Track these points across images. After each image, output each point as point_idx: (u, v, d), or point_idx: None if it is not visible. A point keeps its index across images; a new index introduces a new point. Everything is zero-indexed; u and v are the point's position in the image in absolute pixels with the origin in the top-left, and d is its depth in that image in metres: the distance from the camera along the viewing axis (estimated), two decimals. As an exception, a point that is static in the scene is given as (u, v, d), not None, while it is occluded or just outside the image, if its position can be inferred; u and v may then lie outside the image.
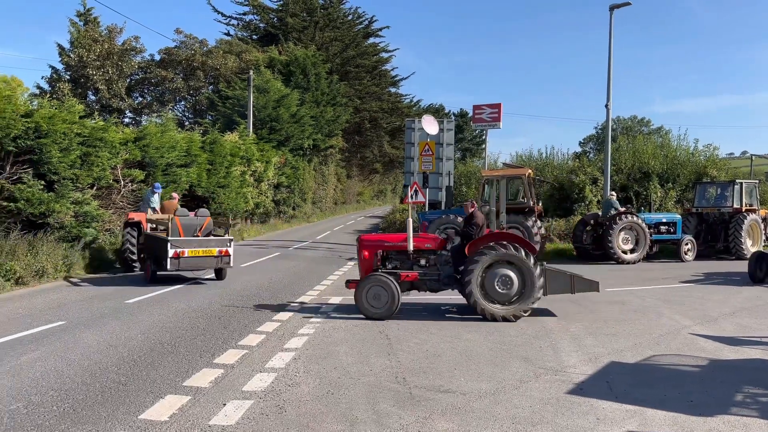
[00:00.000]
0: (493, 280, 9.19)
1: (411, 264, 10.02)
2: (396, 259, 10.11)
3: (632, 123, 77.88)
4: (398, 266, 10.05)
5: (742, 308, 10.45)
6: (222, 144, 24.62)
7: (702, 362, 6.94)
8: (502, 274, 9.19)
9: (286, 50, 42.37)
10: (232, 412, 5.22)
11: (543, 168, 29.00)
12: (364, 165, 61.54)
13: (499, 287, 9.18)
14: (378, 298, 9.40)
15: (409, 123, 26.08)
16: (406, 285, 9.91)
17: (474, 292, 9.17)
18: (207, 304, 10.55)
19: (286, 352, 7.20)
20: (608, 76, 22.10)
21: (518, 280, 9.20)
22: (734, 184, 20.16)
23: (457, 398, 5.60)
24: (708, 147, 27.85)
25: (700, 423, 5.02)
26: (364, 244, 10.17)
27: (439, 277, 9.84)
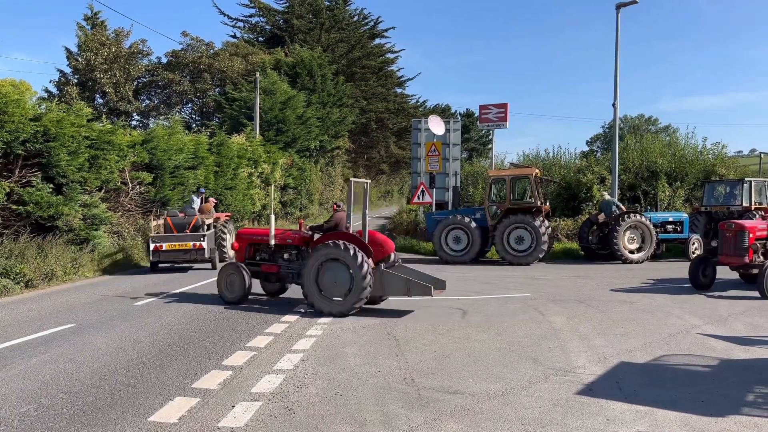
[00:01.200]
0: (325, 276, 9.67)
1: (275, 257, 10.85)
2: (264, 252, 10.99)
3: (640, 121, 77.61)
4: (265, 258, 10.95)
5: (752, 307, 10.37)
6: (229, 146, 24.70)
7: (712, 362, 6.89)
8: (334, 272, 9.62)
9: (292, 52, 42.46)
10: (241, 414, 5.23)
11: (550, 167, 28.87)
12: (370, 166, 61.54)
13: (331, 284, 9.63)
14: (233, 285, 10.54)
15: (415, 123, 26.09)
16: (274, 277, 10.90)
17: (307, 286, 9.73)
18: (215, 305, 10.57)
19: (294, 354, 7.20)
20: (615, 75, 22.01)
21: (348, 278, 9.52)
22: (743, 182, 20.02)
23: (465, 399, 5.59)
24: (716, 145, 27.69)
25: (712, 423, 4.98)
26: (238, 236, 11.40)
27: (298, 271, 10.32)
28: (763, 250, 12.06)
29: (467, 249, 17.85)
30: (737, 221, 12.83)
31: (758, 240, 11.99)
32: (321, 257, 9.69)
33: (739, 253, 11.78)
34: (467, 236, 17.87)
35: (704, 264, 12.46)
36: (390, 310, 10.18)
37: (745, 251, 11.69)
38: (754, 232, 11.88)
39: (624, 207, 18.96)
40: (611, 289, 12.48)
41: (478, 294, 11.95)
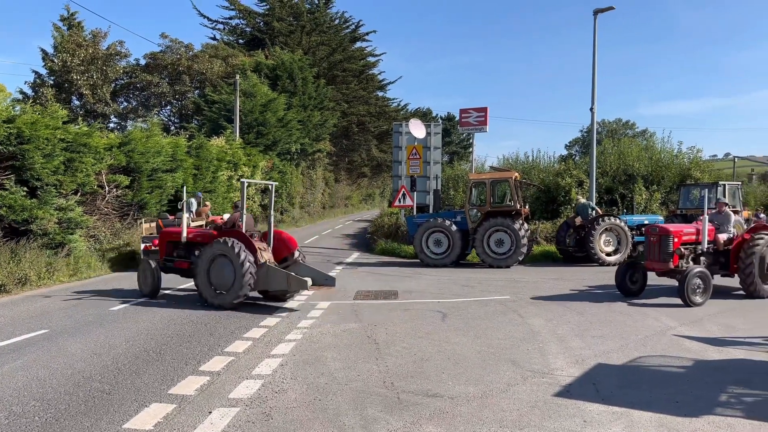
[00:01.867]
0: (214, 271, 10.51)
1: (187, 254, 11.59)
2: (181, 249, 11.80)
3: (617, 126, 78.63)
4: (180, 255, 11.77)
5: (726, 309, 10.55)
6: (208, 148, 24.50)
7: (687, 363, 6.99)
8: (222, 267, 10.41)
9: (273, 54, 42.28)
10: (218, 420, 5.17)
11: (529, 171, 29.12)
12: (352, 169, 61.50)
13: (219, 278, 10.45)
14: (146, 279, 11.63)
15: (396, 127, 26.12)
16: (187, 273, 11.51)
17: (200, 279, 10.59)
18: (192, 310, 10.46)
19: (273, 359, 7.15)
20: (593, 79, 22.28)
21: (232, 273, 10.29)
22: (718, 185, 20.40)
23: (444, 402, 5.59)
24: (692, 149, 28.14)
25: (686, 424, 5.05)
26: (160, 234, 12.44)
27: None
28: (693, 255, 11.56)
29: (448, 252, 17.91)
30: (662, 225, 12.35)
31: (685, 245, 11.48)
32: (211, 254, 10.50)
33: (663, 258, 11.30)
34: (448, 239, 17.93)
35: (632, 269, 12.02)
36: (370, 314, 10.16)
37: (670, 256, 11.22)
38: (680, 237, 11.40)
39: (600, 210, 19.15)
40: (589, 292, 12.60)
41: (458, 297, 11.99)
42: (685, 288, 10.61)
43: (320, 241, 27.41)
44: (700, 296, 10.73)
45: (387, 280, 14.83)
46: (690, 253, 11.54)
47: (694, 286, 10.70)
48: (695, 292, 10.71)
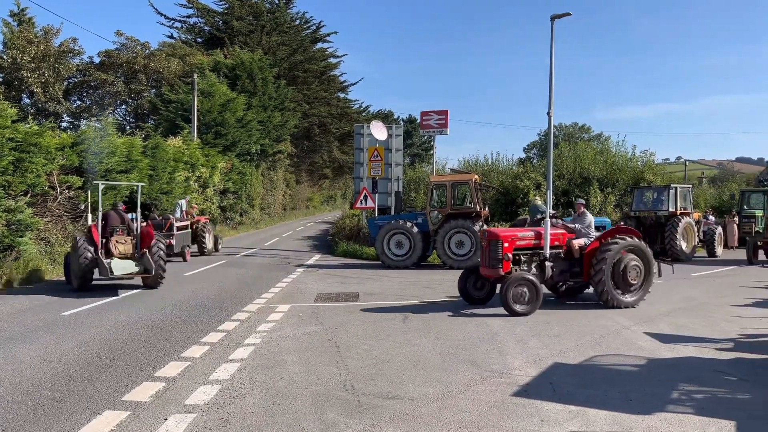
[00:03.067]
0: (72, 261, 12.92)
1: None
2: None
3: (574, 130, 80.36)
4: None
5: (678, 308, 10.89)
6: (165, 149, 23.97)
7: (641, 361, 7.18)
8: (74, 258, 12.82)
9: (232, 54, 41.68)
10: (174, 427, 5.06)
11: (489, 173, 29.53)
12: (313, 170, 61.12)
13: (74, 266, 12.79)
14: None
15: (358, 128, 26.10)
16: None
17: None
18: (148, 314, 10.21)
19: (231, 363, 7.03)
20: (550, 84, 22.60)
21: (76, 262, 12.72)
22: (669, 188, 21.06)
23: (405, 404, 5.60)
24: (645, 153, 29.02)
25: (639, 421, 5.18)
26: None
27: None
28: (538, 261, 10.88)
29: (409, 253, 17.98)
30: (491, 229, 11.60)
31: (521, 250, 10.76)
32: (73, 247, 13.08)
33: (491, 264, 10.53)
34: (409, 241, 18.00)
35: (474, 275, 11.20)
36: (331, 316, 10.11)
37: (498, 262, 10.40)
38: (511, 242, 10.60)
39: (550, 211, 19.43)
40: (544, 292, 12.82)
41: (419, 298, 12.04)
42: (504, 296, 9.94)
43: (281, 243, 27.16)
44: (524, 305, 9.99)
45: (348, 282, 14.79)
46: (531, 260, 10.90)
47: (516, 294, 9.98)
48: (518, 301, 9.99)
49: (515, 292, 10.04)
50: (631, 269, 10.72)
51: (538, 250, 10.96)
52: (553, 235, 11.10)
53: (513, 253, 10.65)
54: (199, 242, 20.88)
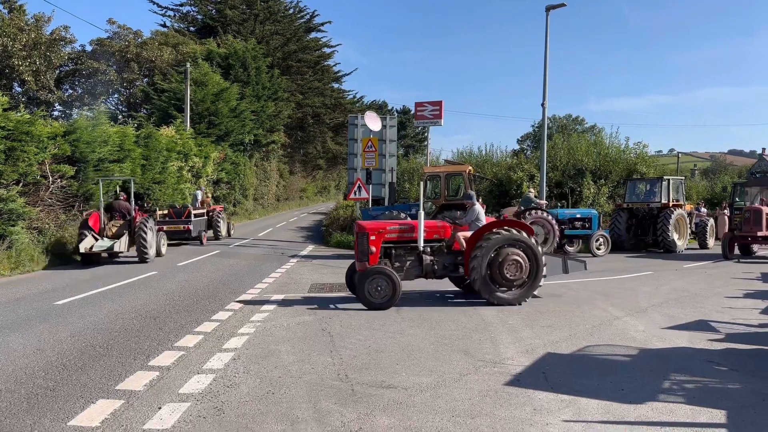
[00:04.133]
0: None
1: None
2: None
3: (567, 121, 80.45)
4: None
5: (669, 299, 10.97)
6: (157, 138, 23.84)
7: (632, 351, 7.23)
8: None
9: (225, 43, 41.41)
10: (168, 416, 5.06)
11: (483, 165, 29.57)
12: (307, 161, 60.98)
13: None
14: None
15: (351, 119, 26.03)
16: None
17: None
18: (141, 304, 10.20)
19: (225, 353, 7.04)
20: (544, 75, 22.71)
21: None
22: (662, 180, 21.16)
23: (398, 393, 5.63)
24: (638, 145, 29.28)
25: (631, 410, 5.23)
26: None
27: None
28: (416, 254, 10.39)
29: (402, 244, 17.98)
30: (361, 222, 11.11)
31: (392, 243, 10.33)
32: None
33: (360, 257, 10.22)
34: (402, 232, 17.99)
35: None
36: (325, 306, 10.13)
37: (365, 256, 10.09)
38: (378, 235, 10.19)
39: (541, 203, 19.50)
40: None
41: (412, 288, 12.06)
42: (360, 289, 9.80)
43: (274, 234, 27.14)
44: (381, 298, 9.74)
45: (342, 272, 14.74)
46: (412, 253, 10.46)
47: (372, 288, 9.73)
48: (374, 294, 9.75)
49: (371, 286, 9.75)
50: (510, 264, 9.98)
51: (412, 243, 10.42)
52: (432, 228, 10.60)
53: (385, 247, 10.28)
54: (214, 228, 23.55)
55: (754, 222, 18.23)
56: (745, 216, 18.62)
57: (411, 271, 10.45)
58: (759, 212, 18.31)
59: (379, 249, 10.21)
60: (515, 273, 10.03)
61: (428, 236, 10.46)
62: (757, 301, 10.83)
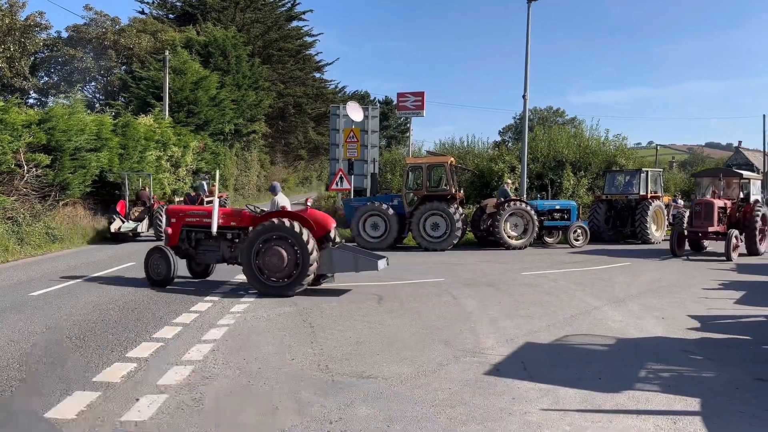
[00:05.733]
0: None
1: None
2: None
3: (548, 113, 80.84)
4: None
5: (646, 289, 11.13)
6: (135, 127, 23.46)
7: (610, 341, 7.33)
8: None
9: (205, 31, 40.82)
10: (146, 408, 5.01)
11: (465, 156, 29.61)
12: (288, 151, 60.52)
13: None
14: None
15: (333, 109, 25.91)
16: None
17: None
18: (119, 295, 10.07)
19: (204, 344, 6.98)
20: (525, 67, 22.77)
21: None
22: (640, 172, 21.39)
23: (379, 383, 5.64)
24: (617, 137, 29.39)
25: (608, 399, 5.29)
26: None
27: None
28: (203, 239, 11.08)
29: (385, 235, 18.01)
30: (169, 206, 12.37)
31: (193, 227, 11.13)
32: None
33: (165, 239, 11.32)
34: (385, 223, 18.02)
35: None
36: (306, 298, 10.09)
37: (167, 237, 11.16)
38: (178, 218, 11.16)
39: (514, 195, 19.62)
40: (519, 273, 12.99)
41: (394, 280, 12.08)
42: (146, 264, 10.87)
43: (255, 224, 26.97)
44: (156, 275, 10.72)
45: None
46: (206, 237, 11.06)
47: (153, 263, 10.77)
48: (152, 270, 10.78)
49: (152, 262, 10.83)
50: (274, 255, 9.88)
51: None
52: (229, 215, 11.05)
53: (186, 230, 11.07)
54: None
55: (705, 216, 16.61)
56: (696, 210, 16.98)
57: (207, 254, 11.19)
58: (710, 206, 16.68)
59: (178, 231, 11.06)
60: (278, 264, 9.89)
61: (225, 223, 10.90)
62: (731, 291, 11.03)
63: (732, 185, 18.62)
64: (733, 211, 17.44)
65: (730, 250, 15.73)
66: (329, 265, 10.26)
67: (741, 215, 17.34)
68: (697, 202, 17.46)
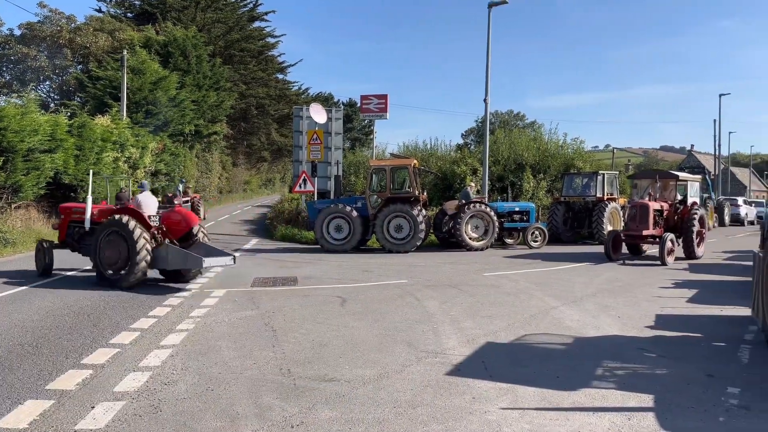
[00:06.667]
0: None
1: None
2: None
3: (509, 117, 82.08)
4: None
5: (602, 289, 11.40)
6: (92, 128, 22.89)
7: (568, 340, 7.49)
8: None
9: (164, 30, 40.08)
10: (102, 415, 4.90)
11: (428, 158, 29.84)
12: (251, 153, 59.85)
13: None
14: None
15: (297, 111, 25.76)
16: None
17: None
18: (74, 300, 9.80)
19: (162, 350, 6.85)
20: (486, 71, 23.10)
21: None
22: (597, 175, 21.93)
23: (341, 386, 5.63)
24: (575, 140, 30.06)
25: (565, 397, 5.41)
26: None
27: None
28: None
29: (348, 237, 17.99)
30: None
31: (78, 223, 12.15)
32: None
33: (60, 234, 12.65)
34: (348, 225, 18.00)
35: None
36: (268, 301, 10.01)
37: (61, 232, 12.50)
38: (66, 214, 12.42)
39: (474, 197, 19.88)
40: (480, 275, 13.15)
41: (358, 282, 12.09)
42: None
43: (217, 228, 26.59)
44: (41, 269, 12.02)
45: (286, 266, 14.67)
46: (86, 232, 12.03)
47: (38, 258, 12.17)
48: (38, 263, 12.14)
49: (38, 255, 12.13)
50: (109, 248, 10.92)
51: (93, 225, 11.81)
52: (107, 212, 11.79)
53: (73, 225, 12.18)
54: (195, 212, 26.79)
55: (640, 219, 15.89)
56: (632, 212, 16.31)
57: (85, 248, 11.82)
58: (645, 208, 15.95)
59: (65, 227, 12.26)
60: (112, 256, 10.93)
61: (99, 218, 11.73)
62: (684, 290, 11.40)
63: (669, 187, 18.08)
64: (671, 214, 16.82)
65: (664, 255, 15.10)
66: (165, 261, 11.06)
67: (679, 218, 16.73)
68: (632, 204, 16.86)
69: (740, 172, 79.31)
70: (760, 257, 7.81)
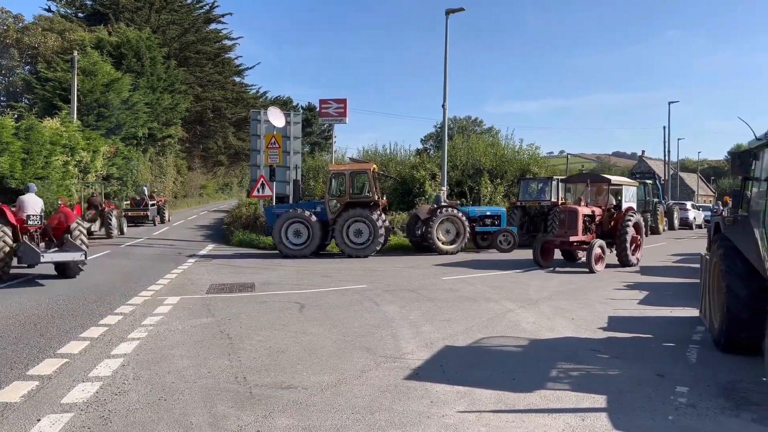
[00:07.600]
0: None
1: None
2: None
3: (467, 123, 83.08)
4: None
5: (557, 292, 11.63)
6: (40, 131, 22.13)
7: (524, 342, 7.59)
8: None
9: (117, 31, 39.12)
10: (48, 428, 4.70)
11: (387, 163, 29.94)
12: (207, 157, 58.89)
13: None
14: None
15: (254, 114, 25.47)
16: None
17: None
18: (19, 309, 9.42)
19: (113, 359, 6.64)
20: (444, 77, 23.37)
21: None
22: (552, 180, 22.42)
23: (298, 393, 5.56)
24: (531, 146, 30.68)
25: (521, 399, 5.48)
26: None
27: None
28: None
29: (307, 242, 17.86)
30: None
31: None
32: None
33: None
34: (307, 230, 17.87)
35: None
36: (224, 308, 9.83)
37: None
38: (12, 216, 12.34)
39: (447, 202, 20.14)
40: (440, 278, 13.25)
41: (317, 287, 12.00)
42: None
43: (171, 233, 26.03)
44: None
45: (244, 272, 14.46)
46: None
47: None
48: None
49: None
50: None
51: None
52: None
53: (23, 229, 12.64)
54: (160, 213, 31.99)
55: (569, 225, 15.22)
56: (560, 217, 15.72)
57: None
58: (574, 213, 15.23)
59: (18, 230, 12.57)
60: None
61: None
62: (635, 292, 11.72)
63: (602, 191, 16.87)
64: (606, 220, 16.11)
65: (591, 262, 14.44)
66: (22, 257, 11.89)
67: (613, 224, 16.01)
68: (561, 209, 16.17)
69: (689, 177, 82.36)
70: (707, 260, 8.11)
